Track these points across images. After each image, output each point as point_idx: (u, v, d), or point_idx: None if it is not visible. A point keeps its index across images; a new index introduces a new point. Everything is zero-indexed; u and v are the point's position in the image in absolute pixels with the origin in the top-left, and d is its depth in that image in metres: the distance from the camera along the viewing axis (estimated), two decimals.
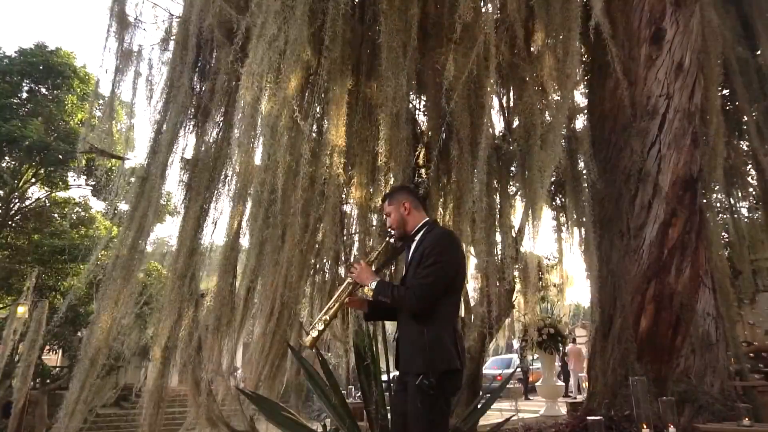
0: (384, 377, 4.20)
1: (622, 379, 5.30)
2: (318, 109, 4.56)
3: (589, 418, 3.55)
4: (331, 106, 4.30)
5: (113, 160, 13.57)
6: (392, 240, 2.71)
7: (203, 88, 5.64)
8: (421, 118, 6.45)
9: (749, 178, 8.13)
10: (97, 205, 17.00)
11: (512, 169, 6.24)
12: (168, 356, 5.72)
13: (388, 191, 2.97)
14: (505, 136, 5.45)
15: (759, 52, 7.12)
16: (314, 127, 5.67)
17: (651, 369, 5.17)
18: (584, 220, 5.82)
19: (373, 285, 2.45)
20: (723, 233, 8.32)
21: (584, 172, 5.86)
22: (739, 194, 8.10)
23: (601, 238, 5.84)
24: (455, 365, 2.28)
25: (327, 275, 8.04)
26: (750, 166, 7.94)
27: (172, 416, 9.99)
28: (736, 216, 8.04)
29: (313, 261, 7.27)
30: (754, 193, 8.18)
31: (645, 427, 3.35)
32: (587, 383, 13.81)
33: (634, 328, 5.38)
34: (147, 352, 15.33)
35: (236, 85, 5.04)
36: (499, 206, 5.79)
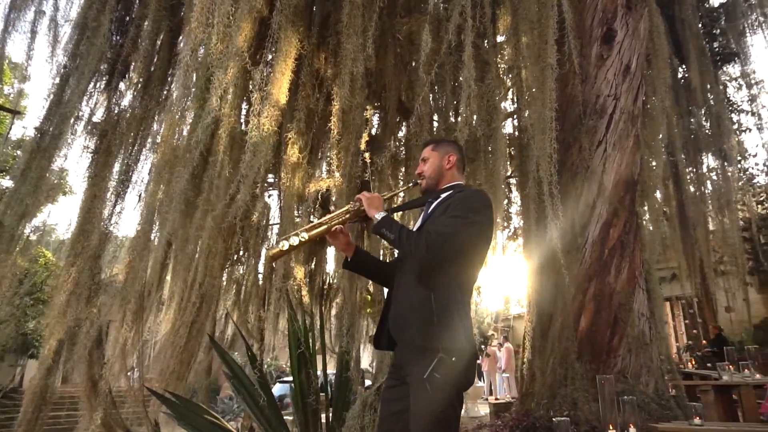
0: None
1: (562, 378, 5.21)
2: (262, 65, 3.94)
3: (555, 419, 3.31)
4: (279, 57, 3.71)
5: None
6: (415, 187, 2.29)
7: (122, 41, 4.82)
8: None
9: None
10: None
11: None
12: (59, 352, 4.87)
13: (435, 137, 2.46)
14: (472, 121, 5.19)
15: (687, 74, 7.45)
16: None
17: (589, 368, 5.12)
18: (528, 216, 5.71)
19: (379, 216, 2.04)
20: None
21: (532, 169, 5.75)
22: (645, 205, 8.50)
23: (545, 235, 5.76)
24: (463, 348, 1.84)
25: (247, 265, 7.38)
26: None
27: (54, 421, 8.73)
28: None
29: (233, 250, 6.62)
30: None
31: (611, 428, 3.16)
32: (505, 384, 14.14)
33: (575, 327, 5.32)
34: (25, 348, 13.64)
35: (166, 35, 4.33)
36: None
